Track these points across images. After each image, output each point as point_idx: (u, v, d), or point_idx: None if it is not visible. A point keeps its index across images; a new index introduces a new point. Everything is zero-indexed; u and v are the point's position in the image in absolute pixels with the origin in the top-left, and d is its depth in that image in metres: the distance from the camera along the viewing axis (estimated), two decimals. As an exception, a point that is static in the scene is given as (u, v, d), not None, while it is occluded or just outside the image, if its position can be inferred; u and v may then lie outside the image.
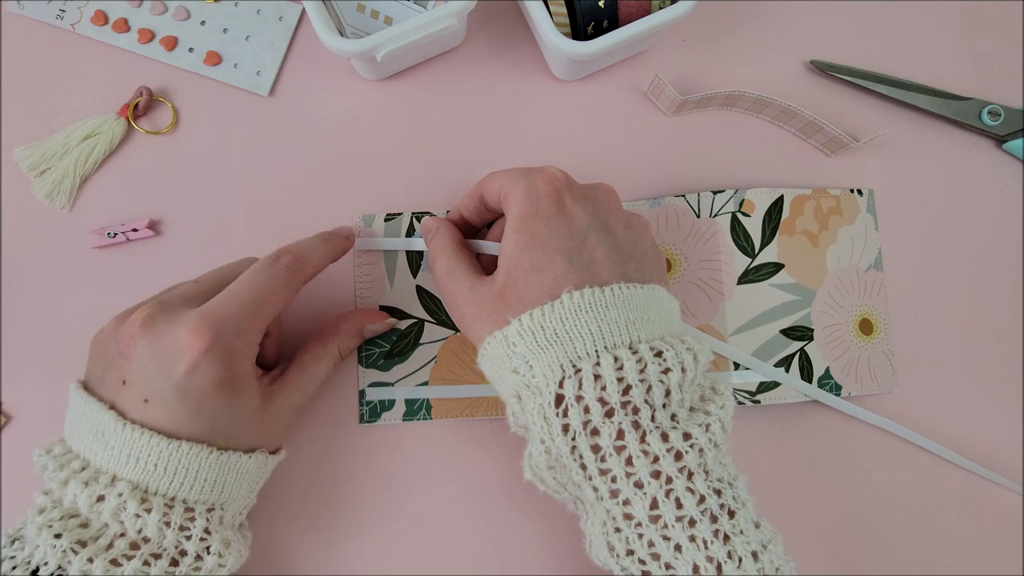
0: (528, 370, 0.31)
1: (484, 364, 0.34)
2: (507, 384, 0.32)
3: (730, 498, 0.30)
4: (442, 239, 0.37)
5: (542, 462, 0.31)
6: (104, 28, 0.43)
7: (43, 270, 0.41)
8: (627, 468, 0.29)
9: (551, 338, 0.30)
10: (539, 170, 0.34)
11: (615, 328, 0.30)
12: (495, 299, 0.32)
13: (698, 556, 0.29)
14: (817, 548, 0.41)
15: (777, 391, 0.41)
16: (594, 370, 0.29)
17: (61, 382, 0.40)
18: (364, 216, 0.42)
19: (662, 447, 0.29)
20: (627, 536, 0.30)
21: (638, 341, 0.30)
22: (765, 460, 0.42)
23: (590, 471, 0.30)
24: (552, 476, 0.32)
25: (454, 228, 0.38)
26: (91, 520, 0.30)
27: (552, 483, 0.32)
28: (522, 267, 0.32)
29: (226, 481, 0.32)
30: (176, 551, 0.31)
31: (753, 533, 0.30)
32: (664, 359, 0.30)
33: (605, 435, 0.29)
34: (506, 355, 0.31)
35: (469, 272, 0.35)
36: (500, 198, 0.35)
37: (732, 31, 0.45)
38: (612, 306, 0.30)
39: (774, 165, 0.44)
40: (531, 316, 0.30)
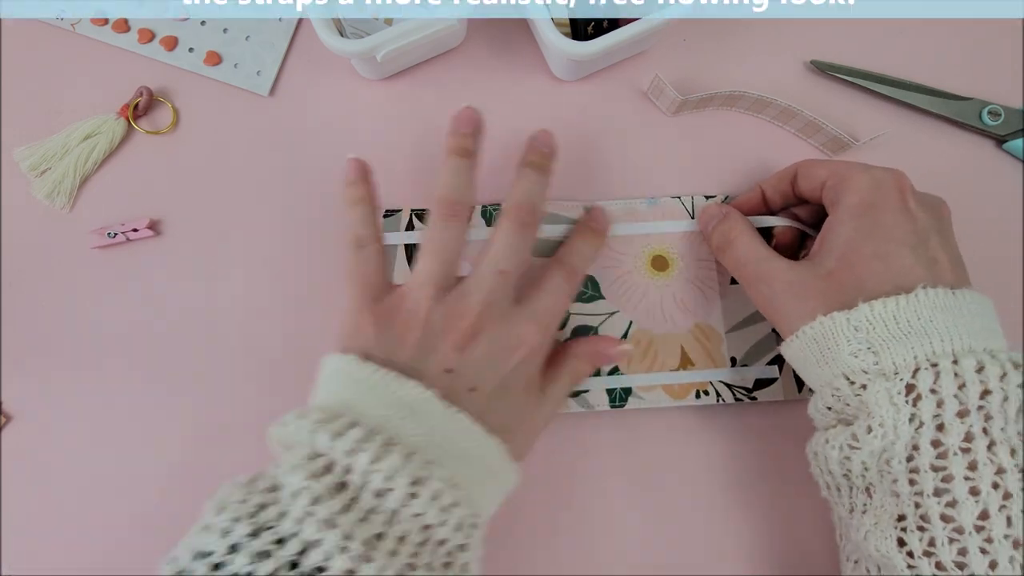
0: (871, 356, 0.31)
1: (801, 341, 0.34)
2: (834, 364, 0.32)
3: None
4: (738, 221, 0.38)
5: (876, 445, 0.30)
6: (104, 28, 0.43)
7: (43, 270, 0.41)
8: (968, 472, 0.29)
9: (905, 329, 0.31)
10: (884, 167, 0.35)
11: (969, 332, 0.31)
12: (821, 281, 0.33)
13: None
14: (816, 547, 0.41)
15: (774, 388, 0.41)
16: (953, 368, 0.30)
17: (61, 382, 0.40)
18: (364, 215, 0.42)
19: (1010, 461, 0.29)
20: (933, 537, 0.29)
21: (997, 351, 0.31)
22: (762, 456, 0.42)
23: (918, 463, 0.30)
24: (842, 456, 0.32)
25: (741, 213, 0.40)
26: (377, 505, 0.28)
27: (836, 466, 0.32)
28: (862, 253, 0.33)
29: (486, 489, 0.31)
30: (447, 561, 0.29)
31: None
32: (1019, 372, 0.30)
33: (952, 434, 0.29)
34: (844, 337, 0.32)
35: (774, 252, 0.36)
36: (828, 184, 0.36)
37: (732, 31, 0.45)
38: (966, 311, 0.31)
39: (774, 165, 0.44)
40: (884, 305, 0.31)
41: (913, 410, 0.30)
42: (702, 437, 0.41)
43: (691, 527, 0.41)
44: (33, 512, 0.39)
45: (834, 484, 0.34)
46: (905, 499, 0.30)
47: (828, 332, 0.32)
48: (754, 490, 0.41)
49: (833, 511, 0.36)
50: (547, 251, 0.41)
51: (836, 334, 0.32)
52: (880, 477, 0.32)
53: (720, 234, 0.39)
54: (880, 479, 0.32)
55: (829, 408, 0.34)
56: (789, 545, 0.41)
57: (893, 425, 0.30)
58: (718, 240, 0.39)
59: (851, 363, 0.32)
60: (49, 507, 0.39)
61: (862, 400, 0.32)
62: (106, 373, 0.40)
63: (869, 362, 0.31)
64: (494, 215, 0.42)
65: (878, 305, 0.31)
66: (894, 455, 0.30)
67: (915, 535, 0.30)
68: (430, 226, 0.35)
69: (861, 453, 0.31)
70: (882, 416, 0.30)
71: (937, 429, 0.30)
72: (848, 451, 0.32)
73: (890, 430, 0.30)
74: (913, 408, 0.30)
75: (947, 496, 0.29)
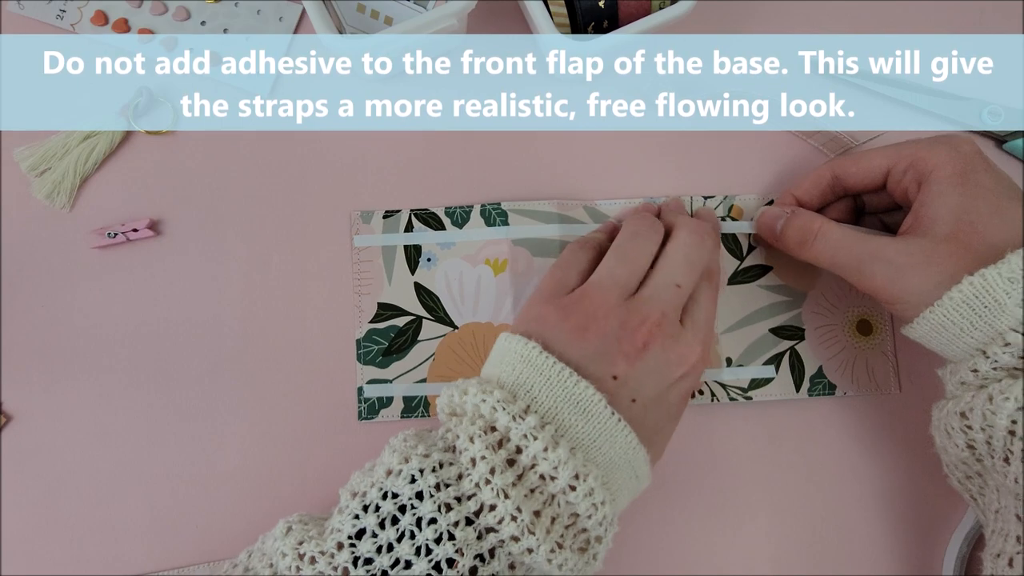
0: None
1: (945, 309, 0.33)
2: (996, 321, 0.32)
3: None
4: (811, 215, 0.38)
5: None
6: (104, 28, 0.43)
7: (43, 270, 0.41)
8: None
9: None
10: (950, 135, 0.36)
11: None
12: (947, 244, 0.34)
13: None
14: (813, 546, 0.41)
15: (769, 387, 0.41)
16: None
17: (61, 382, 0.40)
18: (363, 213, 0.42)
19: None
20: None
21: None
22: (758, 457, 0.42)
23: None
24: (1017, 407, 0.31)
25: None
26: (540, 486, 0.30)
27: (1005, 419, 0.32)
28: (979, 213, 0.34)
29: (626, 491, 0.33)
30: (583, 547, 0.31)
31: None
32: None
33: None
34: (1003, 290, 0.32)
35: (870, 230, 0.37)
36: (896, 169, 0.37)
37: (732, 30, 0.45)
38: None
39: (774, 165, 0.44)
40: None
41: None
42: (698, 437, 0.41)
43: (688, 527, 0.41)
44: (33, 512, 0.39)
45: (984, 439, 0.33)
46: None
47: (982, 290, 0.32)
48: (749, 489, 0.41)
49: (951, 476, 0.36)
50: (547, 251, 0.41)
51: (993, 289, 0.32)
52: None
53: (798, 229, 0.38)
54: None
55: (995, 368, 0.33)
56: (788, 544, 0.41)
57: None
58: (797, 235, 0.38)
59: (1018, 313, 0.32)
60: (49, 507, 0.39)
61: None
62: (106, 373, 0.41)
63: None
64: (494, 215, 0.42)
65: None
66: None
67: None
68: (621, 235, 0.36)
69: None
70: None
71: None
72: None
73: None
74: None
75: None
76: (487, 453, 0.30)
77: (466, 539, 0.29)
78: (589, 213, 0.42)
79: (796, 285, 0.43)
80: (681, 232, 0.36)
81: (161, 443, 0.40)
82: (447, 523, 0.29)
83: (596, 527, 0.31)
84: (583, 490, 0.30)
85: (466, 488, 0.29)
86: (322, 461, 0.40)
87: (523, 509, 0.29)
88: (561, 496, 0.30)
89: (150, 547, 0.39)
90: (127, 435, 0.40)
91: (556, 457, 0.30)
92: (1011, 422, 0.32)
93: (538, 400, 0.31)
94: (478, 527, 0.29)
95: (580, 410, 0.31)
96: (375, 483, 0.30)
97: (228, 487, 0.40)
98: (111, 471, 0.40)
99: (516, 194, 0.43)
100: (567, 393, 0.31)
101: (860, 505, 0.42)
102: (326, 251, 0.42)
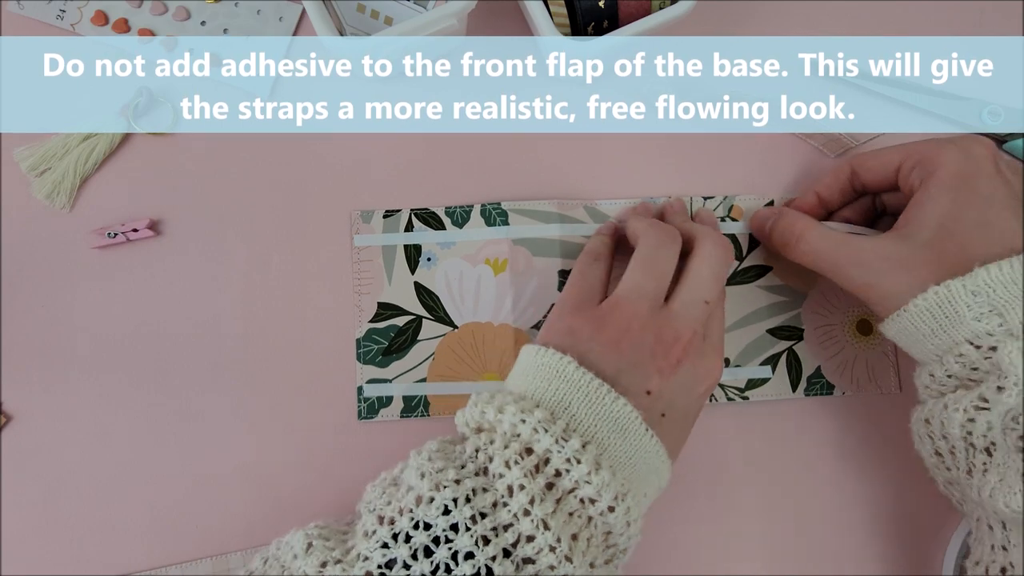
0: (996, 318, 0.32)
1: (911, 314, 0.34)
2: (955, 331, 0.33)
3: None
4: (798, 214, 0.39)
5: (1010, 403, 0.31)
6: (104, 28, 0.43)
7: (43, 270, 0.41)
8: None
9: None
10: (967, 136, 0.36)
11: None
12: (924, 251, 0.34)
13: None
14: (811, 547, 0.41)
15: (766, 388, 0.41)
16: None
17: (61, 382, 0.40)
18: (363, 212, 0.42)
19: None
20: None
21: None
22: (754, 456, 0.42)
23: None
24: (966, 418, 0.32)
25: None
26: (579, 509, 0.30)
27: (957, 429, 0.32)
28: (964, 222, 0.33)
29: (649, 500, 0.33)
30: (608, 559, 0.31)
31: None
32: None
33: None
34: (964, 303, 0.32)
35: (849, 234, 0.37)
36: (906, 166, 0.36)
37: (732, 31, 0.45)
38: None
39: (774, 165, 0.44)
40: (1000, 268, 0.32)
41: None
42: (696, 437, 0.41)
43: (684, 526, 0.41)
44: (33, 512, 0.39)
45: (947, 448, 0.34)
46: (1012, 455, 0.31)
47: (945, 301, 0.33)
48: (746, 489, 0.41)
49: (936, 482, 0.36)
50: (548, 251, 0.41)
51: (955, 301, 0.32)
52: (1004, 435, 0.32)
53: (781, 231, 0.39)
54: (1004, 437, 0.32)
55: (949, 376, 0.34)
56: (784, 545, 0.41)
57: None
58: (781, 237, 0.39)
59: (976, 327, 0.32)
60: (49, 507, 0.39)
61: (992, 362, 0.32)
62: (106, 373, 0.41)
63: (994, 324, 0.32)
64: (494, 214, 0.42)
65: (994, 268, 0.32)
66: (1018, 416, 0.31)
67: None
68: (644, 245, 0.36)
69: (990, 413, 0.31)
70: (1017, 375, 0.31)
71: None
72: (974, 412, 0.32)
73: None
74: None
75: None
76: (525, 481, 0.29)
77: (504, 573, 0.28)
78: (589, 213, 0.42)
79: (796, 285, 0.43)
80: (706, 245, 0.36)
81: (161, 443, 0.40)
82: (485, 557, 0.28)
83: (626, 541, 0.31)
84: (621, 510, 0.30)
85: (503, 518, 0.29)
86: (322, 460, 0.40)
87: (562, 538, 0.28)
88: (599, 518, 0.30)
89: (150, 547, 0.39)
90: (127, 435, 0.40)
91: (600, 481, 0.29)
92: (966, 432, 0.32)
93: (576, 418, 0.31)
94: (515, 559, 0.28)
95: (619, 428, 0.31)
96: (404, 510, 0.29)
97: (228, 487, 0.40)
98: (111, 471, 0.40)
99: (516, 196, 0.43)
100: (606, 411, 0.31)
101: (860, 505, 0.42)
102: (326, 251, 0.42)
